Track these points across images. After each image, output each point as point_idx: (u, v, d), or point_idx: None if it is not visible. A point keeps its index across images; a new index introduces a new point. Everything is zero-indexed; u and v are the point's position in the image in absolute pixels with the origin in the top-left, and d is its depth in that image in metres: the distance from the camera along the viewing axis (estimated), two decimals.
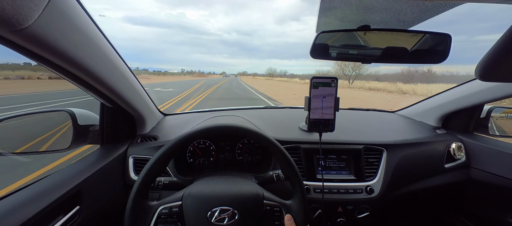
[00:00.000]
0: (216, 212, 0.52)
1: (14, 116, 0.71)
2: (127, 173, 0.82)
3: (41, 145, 0.75)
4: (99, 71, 0.55)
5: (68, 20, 0.41)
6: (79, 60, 0.47)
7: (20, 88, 11.64)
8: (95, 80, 0.56)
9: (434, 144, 0.98)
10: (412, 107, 1.32)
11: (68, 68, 0.48)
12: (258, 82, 32.21)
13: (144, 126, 0.93)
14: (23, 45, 0.37)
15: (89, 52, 0.50)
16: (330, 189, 0.82)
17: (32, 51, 0.39)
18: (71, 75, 0.52)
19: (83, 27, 0.46)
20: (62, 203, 0.57)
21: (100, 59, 0.55)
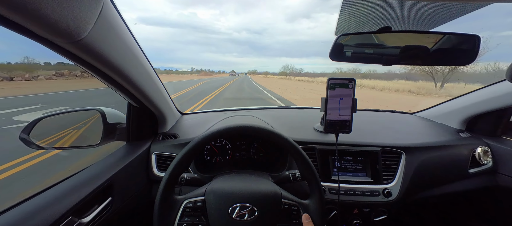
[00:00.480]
0: (236, 208, 0.55)
1: (54, 114, 0.79)
2: (150, 168, 0.87)
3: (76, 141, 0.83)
4: (133, 74, 0.60)
5: (113, 30, 0.46)
6: (120, 67, 0.52)
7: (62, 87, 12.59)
8: (128, 83, 0.61)
9: (458, 148, 0.94)
10: (432, 109, 1.26)
11: (109, 74, 0.53)
12: (276, 84, 25.14)
13: (165, 124, 0.98)
14: (77, 54, 0.42)
15: (127, 58, 0.55)
16: (346, 191, 0.82)
17: (83, 59, 0.44)
18: (109, 78, 0.57)
19: (123, 35, 0.51)
20: (98, 194, 0.63)
21: (134, 63, 0.60)
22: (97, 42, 0.41)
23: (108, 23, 0.43)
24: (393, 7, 0.55)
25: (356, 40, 0.58)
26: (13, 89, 11.52)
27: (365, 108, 1.38)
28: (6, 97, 9.05)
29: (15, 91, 10.61)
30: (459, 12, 0.53)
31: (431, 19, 0.55)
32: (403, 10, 0.56)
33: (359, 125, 1.05)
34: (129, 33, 0.55)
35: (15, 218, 0.46)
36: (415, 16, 0.56)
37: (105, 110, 0.84)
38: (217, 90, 13.82)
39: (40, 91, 11.10)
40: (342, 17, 0.55)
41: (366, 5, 0.53)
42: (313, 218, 0.56)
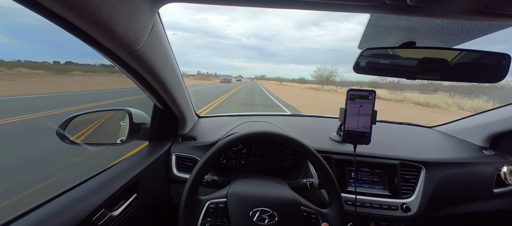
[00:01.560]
0: (257, 212, 0.57)
1: (88, 112, 0.85)
2: (170, 168, 0.91)
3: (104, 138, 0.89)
4: (168, 81, 0.65)
5: (160, 42, 0.51)
6: (160, 73, 0.57)
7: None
8: (162, 87, 0.66)
9: (481, 166, 0.90)
10: (453, 124, 1.23)
11: (149, 79, 0.58)
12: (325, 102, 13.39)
13: (185, 126, 1.02)
14: (130, 64, 0.46)
15: (167, 67, 0.60)
16: (363, 203, 0.81)
17: (131, 66, 0.49)
18: (146, 83, 0.62)
19: (166, 46, 0.56)
20: (125, 190, 0.67)
21: (170, 71, 0.65)
22: (147, 53, 0.46)
23: (157, 35, 0.48)
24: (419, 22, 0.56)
25: (380, 54, 0.59)
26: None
27: (381, 120, 1.36)
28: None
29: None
30: (486, 30, 0.53)
31: (457, 35, 0.55)
32: (429, 25, 0.57)
33: (377, 136, 1.03)
34: (168, 44, 0.60)
35: (59, 207, 0.50)
36: (440, 31, 0.57)
37: (132, 111, 0.90)
38: (213, 102, 9.16)
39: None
40: (367, 31, 0.57)
41: (392, 21, 0.54)
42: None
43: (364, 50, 0.56)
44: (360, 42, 0.61)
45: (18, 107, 5.97)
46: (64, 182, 2.06)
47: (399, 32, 0.59)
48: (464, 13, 0.35)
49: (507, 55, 0.47)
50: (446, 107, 14.35)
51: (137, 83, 0.62)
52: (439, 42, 0.59)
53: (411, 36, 0.60)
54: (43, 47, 76.80)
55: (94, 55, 0.49)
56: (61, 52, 61.37)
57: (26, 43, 76.76)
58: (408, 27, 0.58)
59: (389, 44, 0.57)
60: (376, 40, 0.62)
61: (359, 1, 0.35)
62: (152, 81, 0.60)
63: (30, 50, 68.32)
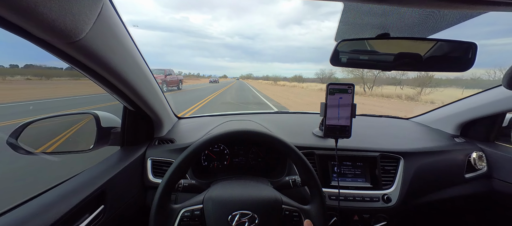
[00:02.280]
0: (236, 215, 0.53)
1: (44, 117, 0.76)
2: (145, 174, 0.85)
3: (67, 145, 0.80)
4: (131, 77, 0.58)
5: (111, 31, 0.45)
6: (117, 69, 0.50)
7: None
8: (125, 86, 0.60)
9: (454, 153, 0.95)
10: (428, 115, 1.29)
11: (106, 76, 0.52)
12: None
13: (161, 128, 0.96)
14: (74, 56, 0.40)
15: (125, 60, 0.53)
16: (346, 197, 0.81)
17: (79, 61, 0.42)
18: (105, 81, 0.55)
19: (122, 38, 0.50)
20: (89, 202, 0.60)
21: (133, 67, 0.58)
22: (95, 44, 0.40)
23: (107, 24, 0.42)
24: (391, 14, 0.56)
25: (355, 46, 0.58)
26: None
27: (362, 114, 1.39)
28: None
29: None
30: (455, 20, 0.54)
31: (428, 26, 0.56)
32: (401, 17, 0.57)
33: (357, 130, 1.05)
34: (127, 35, 0.54)
35: None
36: (412, 23, 0.58)
37: (99, 114, 0.82)
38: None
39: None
40: (342, 23, 0.56)
41: (365, 12, 0.54)
42: (315, 224, 0.55)
43: (339, 42, 0.55)
44: (336, 34, 0.60)
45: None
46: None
47: (373, 23, 0.58)
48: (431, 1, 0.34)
49: (474, 44, 0.49)
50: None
51: (97, 82, 0.55)
52: (411, 33, 0.60)
53: (385, 28, 0.60)
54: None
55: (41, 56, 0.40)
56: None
57: None
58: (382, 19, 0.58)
59: (364, 36, 0.56)
60: (351, 32, 0.61)
61: None
62: (111, 78, 0.54)
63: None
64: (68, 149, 0.80)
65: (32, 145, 0.72)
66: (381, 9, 0.53)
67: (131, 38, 0.56)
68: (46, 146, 0.76)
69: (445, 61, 0.55)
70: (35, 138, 0.74)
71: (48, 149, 0.75)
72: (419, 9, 0.50)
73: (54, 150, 0.77)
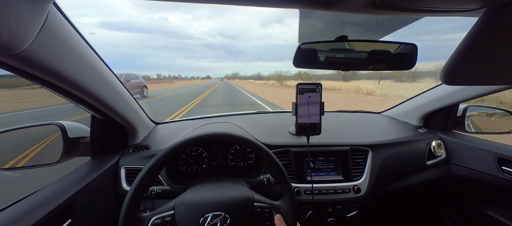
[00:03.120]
0: (208, 217, 0.54)
1: (5, 130, 0.71)
2: (119, 184, 0.82)
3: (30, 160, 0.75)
4: (90, 85, 0.57)
5: (61, 40, 0.43)
6: (72, 78, 0.49)
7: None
8: (86, 94, 0.58)
9: (416, 143, 1.04)
10: (397, 108, 1.38)
11: (61, 86, 0.50)
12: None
13: (135, 135, 0.94)
14: (19, 67, 0.39)
15: (81, 69, 0.52)
16: (320, 190, 0.85)
17: (28, 72, 0.41)
18: (63, 91, 0.53)
19: (75, 45, 0.48)
20: (54, 217, 0.57)
21: (91, 73, 0.57)
22: (41, 54, 0.38)
23: (55, 32, 0.41)
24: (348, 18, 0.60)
25: (317, 49, 0.62)
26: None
27: (337, 110, 1.46)
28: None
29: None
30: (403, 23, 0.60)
31: (380, 29, 0.61)
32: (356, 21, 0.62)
33: (331, 125, 1.11)
34: (82, 42, 0.52)
35: None
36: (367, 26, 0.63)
37: (65, 124, 0.78)
38: None
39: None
40: (302, 26, 0.59)
41: (323, 16, 0.57)
42: (285, 218, 0.58)
43: (301, 44, 0.58)
44: (299, 36, 0.63)
45: None
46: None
47: (332, 26, 0.62)
48: (368, 8, 0.38)
49: (415, 45, 0.54)
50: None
51: (53, 91, 0.53)
52: (365, 35, 0.65)
53: (343, 30, 0.65)
54: None
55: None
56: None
57: None
58: (340, 21, 0.62)
59: (324, 38, 0.60)
60: (312, 34, 0.65)
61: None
62: (68, 88, 0.52)
63: None
64: (32, 163, 0.75)
65: None
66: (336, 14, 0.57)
67: (88, 44, 0.55)
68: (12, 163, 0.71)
69: (394, 61, 0.61)
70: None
71: (17, 164, 0.71)
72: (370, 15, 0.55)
73: (12, 165, 0.72)
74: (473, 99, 0.99)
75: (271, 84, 39.62)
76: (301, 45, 0.58)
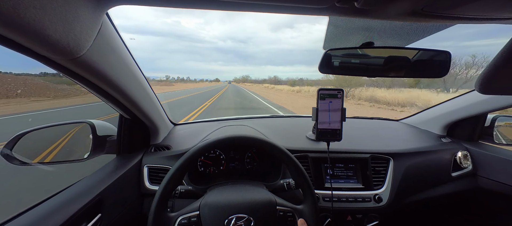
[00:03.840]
0: (232, 219, 0.55)
1: (40, 128, 0.76)
2: (142, 182, 0.85)
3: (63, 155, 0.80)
4: (128, 88, 0.60)
5: (110, 46, 0.47)
6: (115, 81, 0.52)
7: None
8: (122, 96, 0.61)
9: (440, 153, 0.99)
10: (416, 116, 1.34)
11: (104, 87, 0.53)
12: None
13: (157, 135, 0.97)
14: (74, 70, 0.42)
15: (122, 72, 0.56)
16: (339, 198, 0.84)
17: (80, 74, 0.44)
18: (103, 92, 0.57)
19: (120, 51, 0.52)
20: (86, 211, 0.60)
21: (130, 77, 0.60)
22: (95, 59, 0.42)
23: (106, 39, 0.44)
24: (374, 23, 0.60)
25: (343, 53, 0.62)
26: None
27: (354, 116, 1.44)
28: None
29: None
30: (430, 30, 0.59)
31: (408, 35, 0.60)
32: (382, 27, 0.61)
33: (349, 132, 1.09)
34: (125, 48, 0.56)
35: None
36: (394, 32, 0.62)
37: (95, 123, 0.82)
38: None
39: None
40: (329, 32, 0.59)
41: (351, 22, 0.57)
42: (308, 222, 0.57)
43: (327, 51, 0.58)
44: (324, 42, 0.63)
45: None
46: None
47: (358, 32, 0.62)
48: (405, 15, 0.38)
49: (448, 52, 0.53)
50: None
51: (93, 92, 0.57)
52: (394, 42, 0.64)
53: (370, 36, 0.64)
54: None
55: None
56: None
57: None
58: (367, 27, 0.62)
59: (350, 44, 0.60)
60: (338, 39, 0.65)
61: (311, 4, 0.36)
62: (109, 90, 0.56)
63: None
64: (63, 159, 0.80)
65: (28, 156, 0.72)
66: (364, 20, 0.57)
67: (128, 50, 0.59)
68: (43, 155, 0.76)
69: (425, 68, 0.59)
70: (31, 148, 0.74)
71: (46, 159, 0.75)
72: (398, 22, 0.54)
73: (50, 160, 0.77)
74: (503, 109, 0.94)
75: (303, 91, 24.61)
76: (327, 52, 0.58)
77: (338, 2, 0.34)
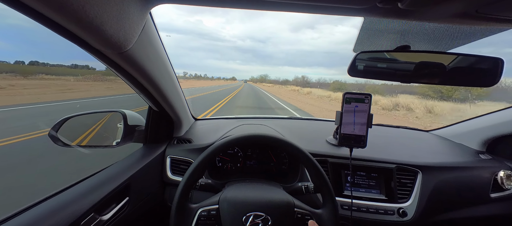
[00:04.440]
0: (250, 217, 0.56)
1: (81, 114, 0.84)
2: (164, 171, 0.90)
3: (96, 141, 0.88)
4: (161, 82, 0.64)
5: (151, 43, 0.51)
6: (152, 75, 0.56)
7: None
8: (155, 89, 0.65)
9: (478, 170, 0.90)
10: (450, 128, 1.23)
11: (141, 81, 0.58)
12: None
13: (180, 128, 1.02)
14: (120, 64, 0.46)
15: (159, 68, 0.60)
16: (359, 207, 0.80)
17: (124, 69, 0.48)
18: (139, 85, 0.61)
19: (158, 47, 0.56)
20: (117, 194, 0.65)
21: (164, 72, 0.65)
22: (137, 53, 0.45)
23: (148, 36, 0.48)
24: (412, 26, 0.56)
25: (375, 57, 0.59)
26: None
27: (378, 123, 1.36)
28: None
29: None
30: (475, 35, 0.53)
31: (451, 39, 0.56)
32: (421, 30, 0.57)
33: (373, 140, 1.03)
34: (162, 45, 0.60)
35: (42, 214, 0.49)
36: (432, 35, 0.57)
37: (126, 113, 0.89)
38: None
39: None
40: (361, 34, 0.57)
41: (386, 24, 0.55)
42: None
43: (358, 53, 0.56)
44: (355, 45, 0.61)
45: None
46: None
47: (393, 35, 0.59)
48: (455, 17, 0.35)
49: (500, 60, 0.47)
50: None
51: (130, 84, 0.61)
52: (433, 46, 0.59)
53: (405, 40, 0.60)
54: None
55: (84, 57, 0.47)
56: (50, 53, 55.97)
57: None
58: (403, 30, 0.58)
59: (383, 48, 0.57)
60: (370, 43, 0.62)
61: (351, 4, 0.35)
62: (145, 83, 0.60)
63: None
64: (97, 144, 0.87)
65: (70, 138, 0.80)
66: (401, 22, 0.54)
67: (164, 47, 0.62)
68: (81, 139, 0.84)
69: (471, 76, 0.54)
70: (73, 132, 0.82)
71: (82, 142, 0.83)
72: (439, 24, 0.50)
73: (85, 143, 0.84)
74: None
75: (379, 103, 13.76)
76: (359, 54, 0.56)
77: (380, 2, 0.32)
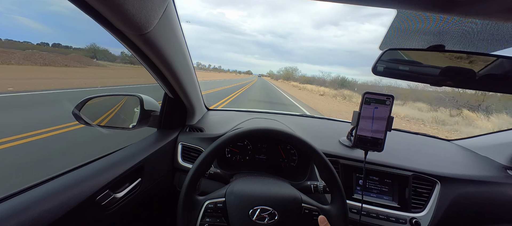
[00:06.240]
0: (257, 210, 0.55)
1: (101, 95, 0.88)
2: (175, 157, 0.92)
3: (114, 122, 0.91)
4: (178, 69, 0.65)
5: (171, 27, 0.51)
6: (170, 60, 0.57)
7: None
8: (172, 76, 0.66)
9: (505, 187, 0.83)
10: (474, 139, 1.14)
11: (159, 65, 0.58)
12: None
13: (193, 117, 1.03)
14: (139, 46, 0.47)
15: (177, 54, 0.60)
16: (369, 212, 0.77)
17: (144, 53, 0.49)
18: (157, 70, 0.62)
19: (178, 33, 0.56)
20: (131, 174, 0.68)
21: (182, 59, 0.65)
22: (158, 37, 0.45)
23: (169, 20, 0.48)
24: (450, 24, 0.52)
25: (403, 56, 0.55)
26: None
27: (395, 128, 1.30)
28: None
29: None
30: None
31: (495, 40, 0.50)
32: (461, 28, 0.52)
33: (390, 145, 0.98)
34: (181, 32, 0.60)
35: (65, 184, 0.52)
36: (474, 36, 0.52)
37: (143, 97, 0.91)
38: None
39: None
40: (390, 32, 0.53)
41: (419, 23, 0.50)
42: (333, 224, 0.54)
43: (385, 50, 0.53)
44: (382, 43, 0.57)
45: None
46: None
47: (425, 36, 0.54)
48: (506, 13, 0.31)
49: None
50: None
51: (149, 69, 0.62)
52: (472, 47, 0.54)
53: (439, 41, 0.56)
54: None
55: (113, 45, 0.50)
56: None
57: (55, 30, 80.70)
58: (437, 30, 0.53)
59: (414, 46, 0.53)
60: (399, 42, 0.58)
61: None
62: (162, 68, 0.60)
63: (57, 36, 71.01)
64: (114, 125, 0.91)
65: (91, 118, 0.84)
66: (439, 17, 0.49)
67: (183, 35, 0.62)
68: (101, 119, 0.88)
69: (506, 81, 0.49)
70: (94, 112, 0.86)
71: (102, 122, 0.87)
72: (485, 21, 0.46)
73: (104, 124, 0.88)
74: None
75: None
76: (386, 51, 0.53)
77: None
